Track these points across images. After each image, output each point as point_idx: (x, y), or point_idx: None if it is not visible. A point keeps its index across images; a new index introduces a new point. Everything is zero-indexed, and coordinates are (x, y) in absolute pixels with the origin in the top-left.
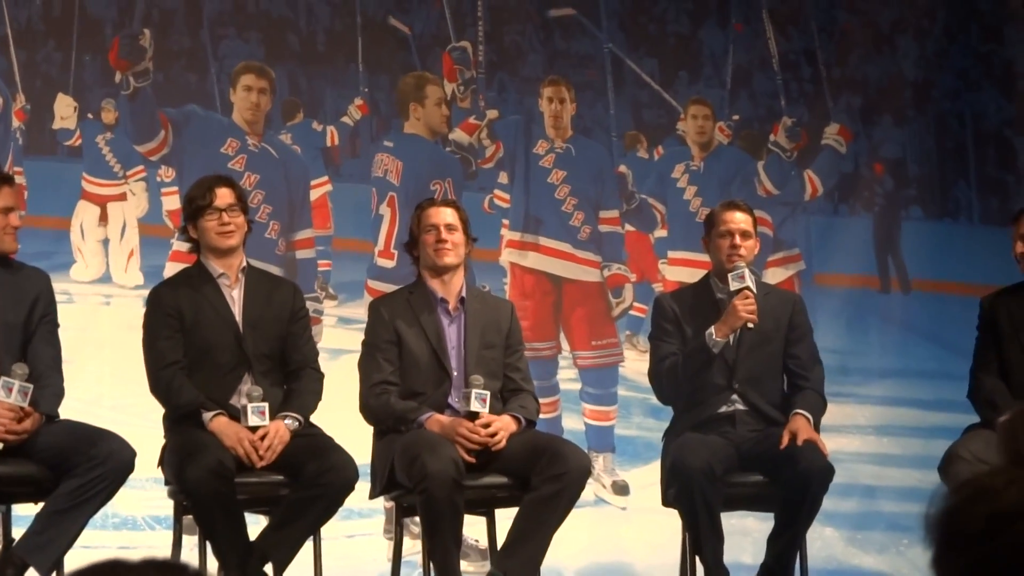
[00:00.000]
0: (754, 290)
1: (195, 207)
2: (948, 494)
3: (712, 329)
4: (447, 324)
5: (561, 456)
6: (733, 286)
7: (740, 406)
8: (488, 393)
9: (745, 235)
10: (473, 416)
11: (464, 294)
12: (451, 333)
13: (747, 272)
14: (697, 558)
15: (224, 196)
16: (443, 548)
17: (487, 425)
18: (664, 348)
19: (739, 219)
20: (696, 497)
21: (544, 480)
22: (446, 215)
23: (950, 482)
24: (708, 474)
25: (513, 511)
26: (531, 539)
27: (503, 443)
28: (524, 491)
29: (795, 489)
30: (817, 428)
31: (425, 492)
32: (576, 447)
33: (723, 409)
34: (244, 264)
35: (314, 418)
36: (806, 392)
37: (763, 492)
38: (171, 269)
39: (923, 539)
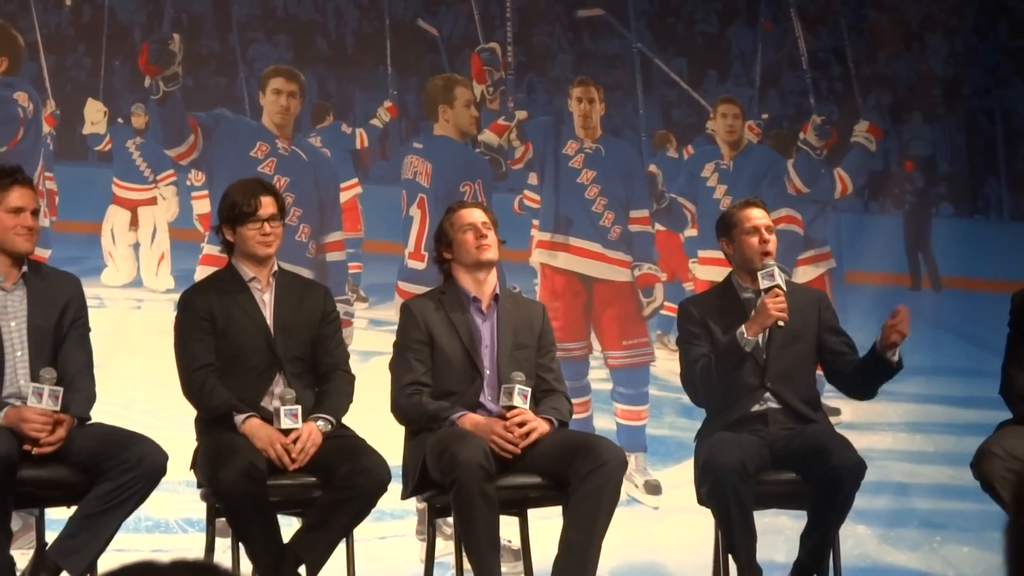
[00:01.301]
0: (784, 288)
1: (238, 212)
2: None
3: (743, 328)
4: (480, 322)
5: (596, 449)
6: (763, 284)
7: (773, 404)
8: (529, 390)
9: (769, 230)
10: (509, 410)
11: (497, 292)
12: (484, 331)
13: (776, 270)
14: (730, 557)
15: (268, 205)
16: (477, 545)
17: (522, 424)
18: (695, 351)
19: (762, 215)
20: (729, 495)
21: (583, 476)
22: (480, 215)
23: (983, 478)
24: (740, 472)
25: (546, 511)
26: (582, 549)
27: (534, 436)
28: (558, 490)
29: (827, 486)
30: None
31: (456, 482)
32: (609, 441)
33: (756, 408)
34: (275, 268)
35: (346, 420)
36: None
37: (795, 490)
38: (202, 273)
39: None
